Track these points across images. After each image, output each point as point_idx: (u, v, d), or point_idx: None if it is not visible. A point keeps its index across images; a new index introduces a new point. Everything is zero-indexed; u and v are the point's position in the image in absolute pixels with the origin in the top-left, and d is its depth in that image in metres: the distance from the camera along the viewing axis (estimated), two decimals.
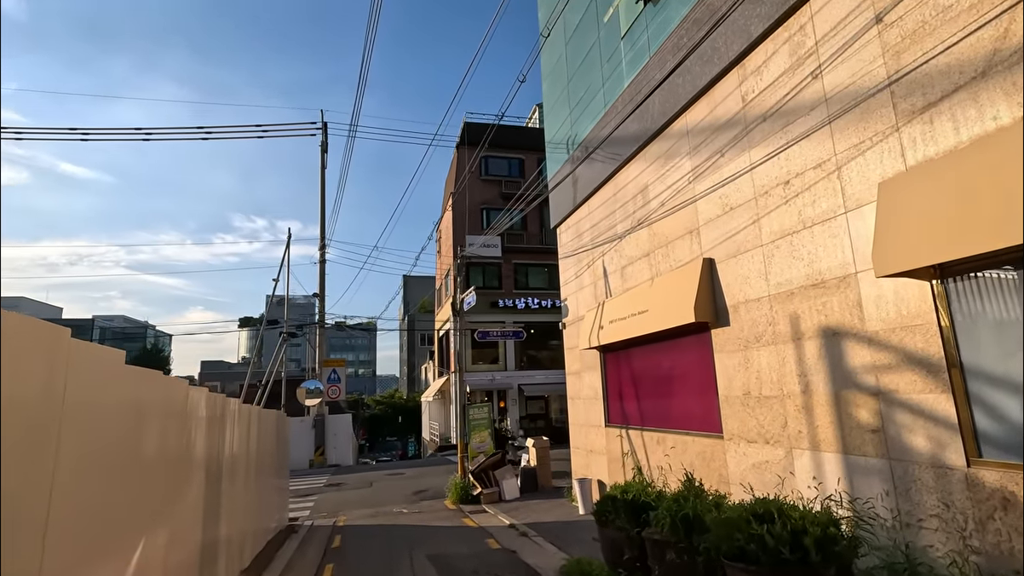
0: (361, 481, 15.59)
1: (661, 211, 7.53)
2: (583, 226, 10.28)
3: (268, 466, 8.34)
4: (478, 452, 12.50)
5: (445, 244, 29.06)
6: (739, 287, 5.97)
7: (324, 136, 22.56)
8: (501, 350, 25.76)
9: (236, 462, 6.09)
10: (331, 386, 21.82)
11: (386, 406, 47.52)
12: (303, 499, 13.09)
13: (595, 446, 9.63)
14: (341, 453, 21.21)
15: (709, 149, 6.51)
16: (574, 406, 10.72)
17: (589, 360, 9.90)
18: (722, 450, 6.18)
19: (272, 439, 8.66)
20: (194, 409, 4.62)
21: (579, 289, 10.46)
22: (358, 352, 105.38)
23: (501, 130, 28.03)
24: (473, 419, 12.68)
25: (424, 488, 13.79)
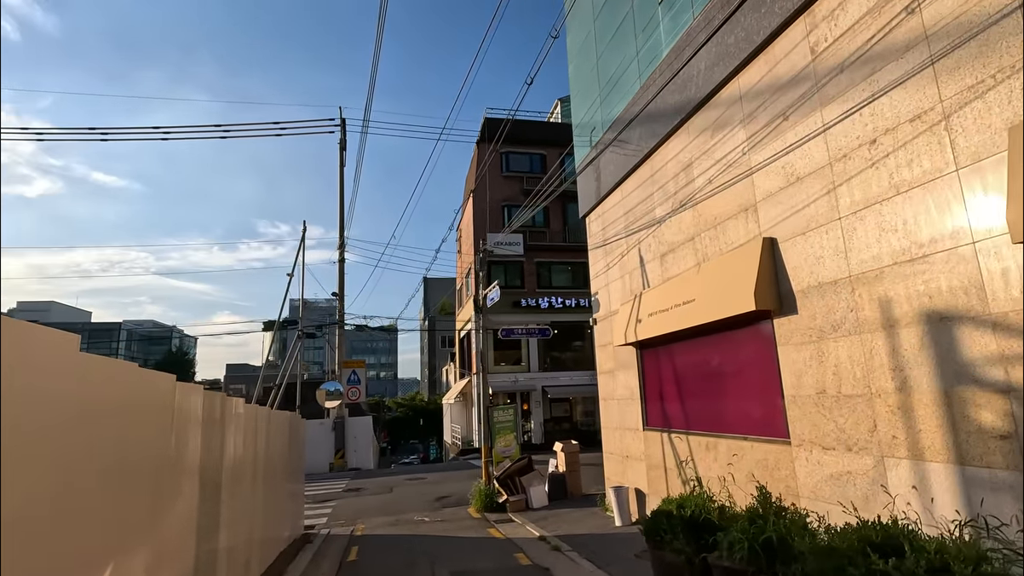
0: (381, 486, 15.01)
1: (708, 189, 6.73)
2: (615, 213, 9.51)
3: (280, 471, 7.76)
4: (503, 457, 11.79)
5: (465, 243, 28.48)
6: (809, 269, 5.15)
7: (343, 133, 22.18)
8: (524, 351, 25.02)
9: (241, 467, 5.48)
10: (351, 388, 21.35)
11: (407, 408, 47.14)
12: (321, 505, 12.53)
13: (631, 451, 8.83)
14: (361, 456, 20.71)
15: (768, 113, 5.70)
16: (607, 408, 9.94)
17: (624, 358, 9.12)
18: (789, 457, 5.35)
19: (284, 442, 8.08)
20: (186, 409, 4.01)
21: (611, 281, 9.69)
22: (380, 355, 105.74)
23: (522, 125, 27.41)
24: (497, 422, 11.97)
25: (446, 494, 13.13)
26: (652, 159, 8.23)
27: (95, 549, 2.52)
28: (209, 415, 4.54)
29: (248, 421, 5.84)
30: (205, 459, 4.42)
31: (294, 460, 9.17)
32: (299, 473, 9.90)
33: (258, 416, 6.33)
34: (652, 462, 8.13)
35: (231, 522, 5.19)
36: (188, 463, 4.03)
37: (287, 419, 8.39)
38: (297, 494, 9.61)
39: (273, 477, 7.21)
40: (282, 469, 7.89)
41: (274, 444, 7.36)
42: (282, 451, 7.91)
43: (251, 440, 5.95)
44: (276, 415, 7.69)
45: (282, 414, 8.23)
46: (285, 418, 8.26)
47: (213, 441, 4.67)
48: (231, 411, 5.22)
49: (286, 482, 8.27)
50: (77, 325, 52.17)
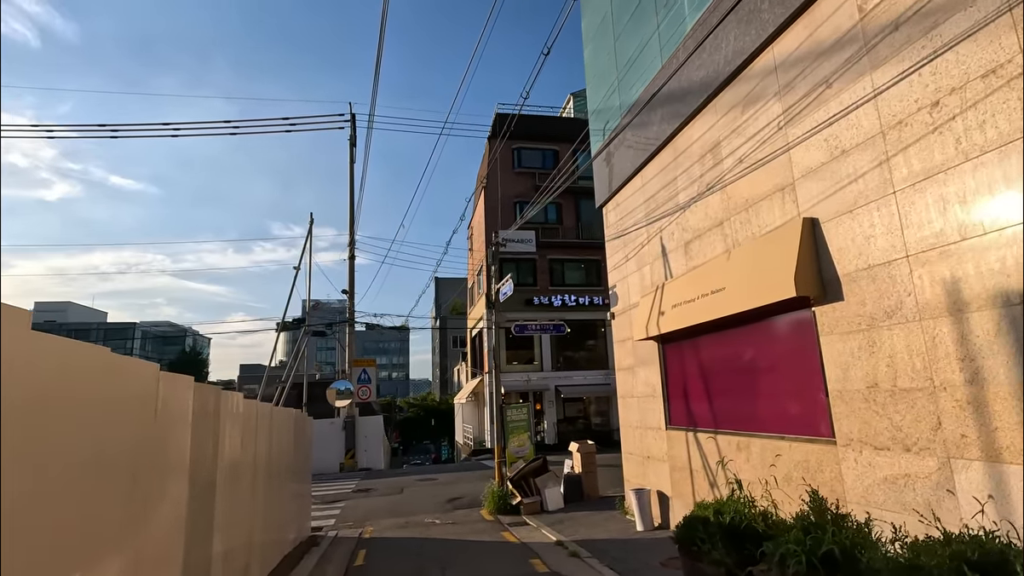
0: (391, 487, 14.66)
1: (738, 170, 6.26)
2: (634, 201, 9.04)
3: (284, 470, 7.40)
4: (517, 457, 11.36)
5: (477, 240, 28.11)
6: (857, 250, 4.66)
7: (352, 129, 21.92)
8: (537, 350, 24.58)
9: (239, 466, 5.12)
10: (361, 387, 21.05)
11: (419, 408, 46.89)
12: (329, 506, 12.20)
13: (653, 451, 8.36)
14: (372, 456, 20.39)
15: (808, 82, 5.22)
16: (626, 406, 9.47)
17: (644, 353, 8.65)
18: (834, 459, 4.86)
19: (289, 440, 7.73)
20: (173, 402, 3.65)
21: (630, 273, 9.22)
22: (391, 355, 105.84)
23: (534, 121, 26.97)
24: (511, 421, 11.55)
25: (458, 495, 12.73)
26: (675, 142, 7.76)
27: (56, 558, 2.15)
28: (201, 410, 4.18)
29: (248, 418, 5.48)
30: (197, 457, 4.06)
31: (300, 459, 8.82)
32: (305, 473, 9.56)
33: (259, 413, 5.97)
34: (676, 463, 7.66)
35: (228, 525, 4.83)
36: (175, 462, 3.66)
37: (292, 417, 8.04)
38: (303, 494, 9.27)
39: (276, 477, 6.85)
40: (286, 469, 7.54)
41: (278, 442, 7.01)
42: (287, 450, 7.56)
43: (251, 438, 5.59)
44: (280, 412, 7.34)
45: (286, 411, 7.87)
46: (290, 416, 7.91)
47: (206, 438, 4.31)
48: (228, 406, 4.86)
49: (291, 482, 7.92)
50: (93, 325, 52.77)
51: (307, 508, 9.75)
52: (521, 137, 26.03)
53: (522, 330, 12.04)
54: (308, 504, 9.94)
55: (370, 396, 21.13)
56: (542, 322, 12.66)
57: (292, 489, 7.98)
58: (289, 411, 7.97)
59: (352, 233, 21.00)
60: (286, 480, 7.52)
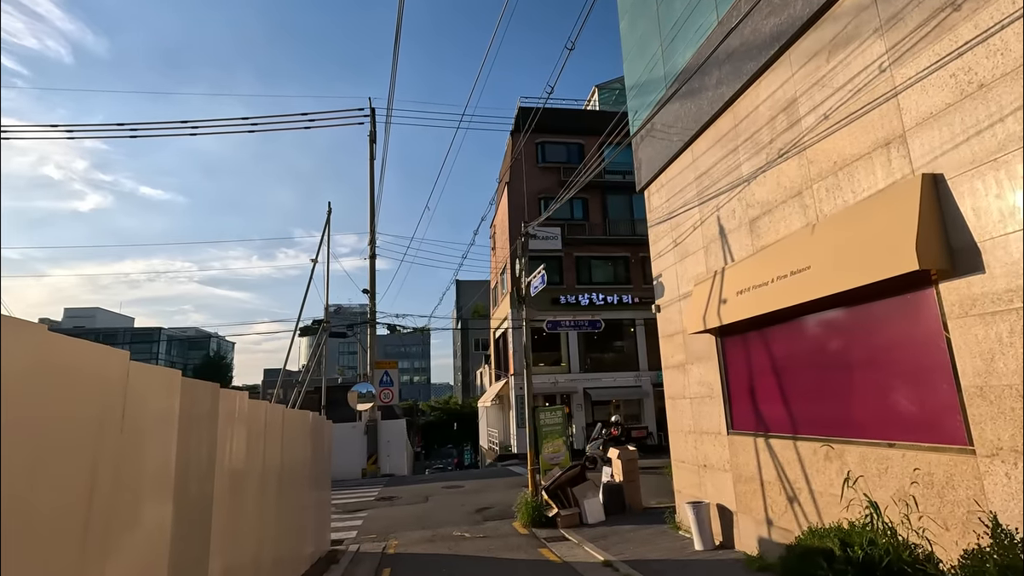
0: (416, 494, 13.87)
1: (822, 128, 5.30)
2: (684, 179, 8.11)
3: (300, 479, 6.66)
4: (551, 464, 10.46)
5: (500, 239, 27.33)
6: (1002, 209, 3.69)
7: (372, 125, 21.36)
8: (564, 351, 23.64)
9: (244, 476, 4.36)
10: (383, 389, 20.39)
11: (441, 412, 46.22)
12: (351, 516, 11.45)
13: (711, 459, 7.39)
14: (395, 462, 19.68)
15: (925, 8, 4.26)
16: (675, 408, 8.51)
17: (699, 348, 7.69)
18: (972, 472, 3.87)
19: (305, 445, 6.98)
20: (151, 404, 2.88)
21: (680, 260, 8.28)
22: (413, 359, 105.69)
23: (558, 114, 26.12)
24: (545, 424, 10.65)
25: (487, 505, 11.87)
26: (736, 107, 6.82)
27: None
28: (193, 412, 3.41)
29: (255, 421, 4.72)
30: (186, 469, 3.29)
31: (318, 466, 8.10)
32: (324, 480, 8.83)
33: (269, 415, 5.21)
34: (742, 474, 6.68)
35: (230, 543, 4.06)
36: (152, 473, 2.89)
37: (308, 420, 7.29)
38: (322, 504, 8.55)
39: (291, 486, 6.10)
40: (302, 476, 6.79)
41: (293, 448, 6.26)
42: (302, 455, 6.81)
43: (259, 443, 4.83)
44: (294, 415, 6.60)
45: (302, 414, 7.14)
46: (306, 418, 7.17)
47: (199, 445, 3.54)
48: (229, 408, 4.09)
49: (308, 491, 7.18)
50: (119, 330, 53.68)
51: (326, 519, 9.01)
52: (545, 131, 25.21)
53: (555, 326, 11.17)
54: (327, 514, 9.21)
55: (392, 399, 20.45)
56: (576, 318, 11.77)
57: (309, 499, 7.25)
58: (304, 413, 7.24)
59: (373, 231, 20.39)
60: (302, 489, 6.79)
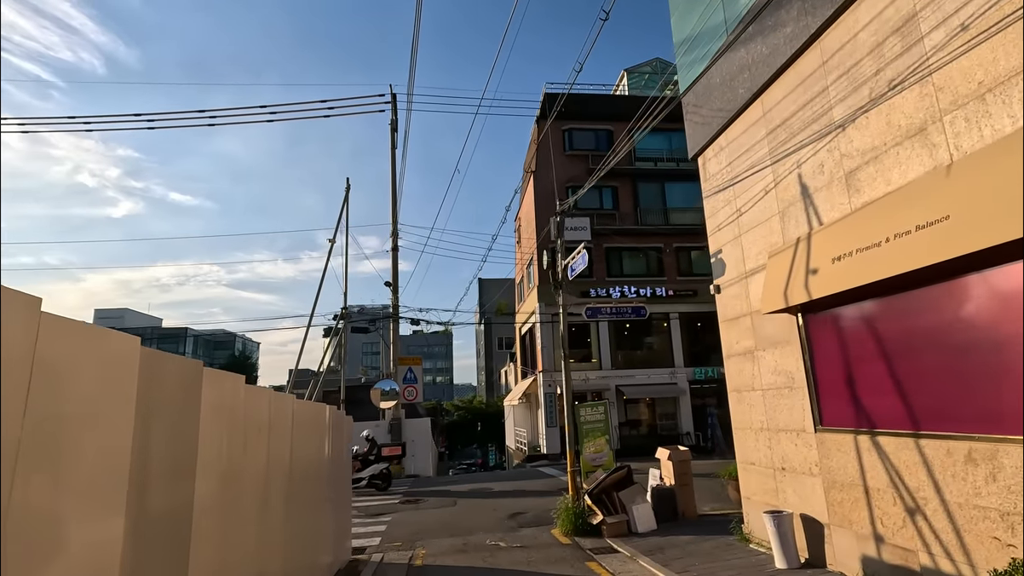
0: (443, 497, 12.97)
1: (959, 43, 4.18)
2: (750, 138, 7.01)
3: (313, 480, 5.78)
4: (594, 465, 9.43)
5: (526, 232, 26.35)
6: None
7: (394, 113, 20.60)
8: (595, 347, 22.54)
9: (239, 478, 3.45)
10: (407, 387, 19.59)
11: (465, 411, 45.42)
12: (374, 520, 10.59)
13: (792, 462, 6.27)
14: (420, 462, 18.86)
15: None
16: (741, 402, 7.40)
17: (774, 331, 6.58)
18: None
19: (320, 442, 6.10)
20: (87, 376, 1.95)
21: (745, 232, 7.18)
22: (435, 359, 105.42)
23: (586, 100, 25.06)
24: (585, 422, 9.63)
25: (521, 510, 10.89)
26: (824, 40, 5.71)
27: None
28: (158, 395, 2.49)
29: (254, 411, 3.81)
30: (144, 467, 2.37)
31: (336, 465, 7.24)
32: (343, 482, 7.96)
33: (274, 406, 4.30)
34: (836, 479, 5.56)
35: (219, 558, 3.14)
36: (87, 475, 1.96)
37: (324, 414, 6.41)
38: (341, 507, 7.69)
39: (303, 488, 5.20)
40: (318, 477, 5.91)
41: (306, 445, 5.37)
42: (317, 454, 5.93)
43: (261, 439, 3.93)
44: (308, 408, 5.71)
45: (317, 407, 6.27)
46: (321, 413, 6.29)
47: (172, 438, 2.63)
48: (217, 393, 3.16)
49: (325, 494, 6.31)
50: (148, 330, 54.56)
51: (346, 524, 8.14)
52: (572, 118, 24.17)
53: (594, 314, 10.14)
54: (348, 519, 8.34)
55: (416, 396, 19.64)
56: (618, 306, 10.64)
57: (325, 502, 6.37)
58: (320, 407, 6.36)
59: (395, 222, 19.62)
60: (317, 491, 5.91)
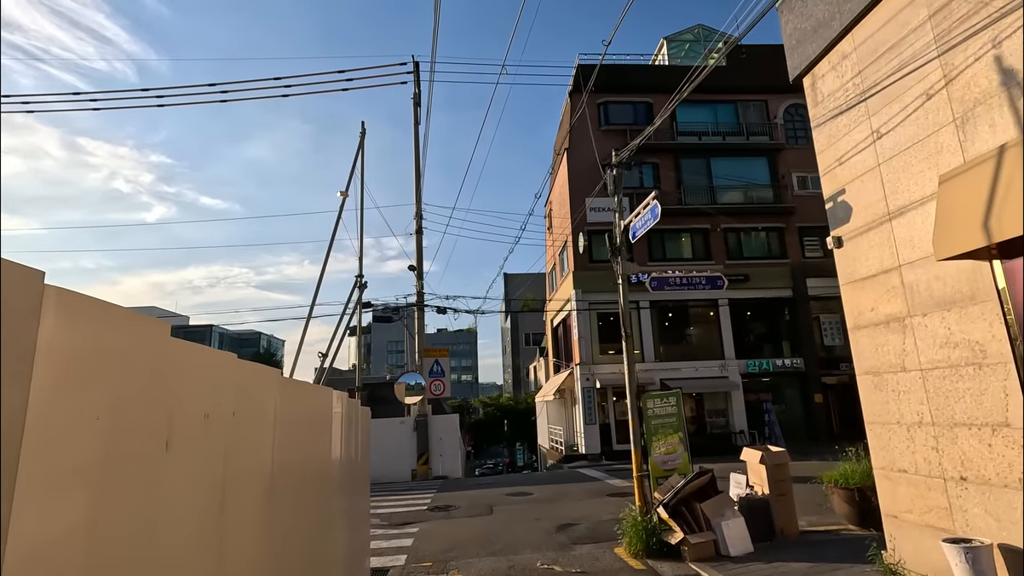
0: (476, 503, 11.36)
1: None
2: (897, 30, 5.17)
3: (316, 485, 4.20)
4: (665, 470, 7.68)
5: (558, 215, 24.59)
6: None
7: (416, 86, 19.09)
8: (636, 336, 20.65)
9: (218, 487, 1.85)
10: (433, 380, 18.07)
11: (494, 408, 43.84)
12: (398, 531, 9.03)
13: (981, 470, 4.43)
14: (448, 462, 17.31)
15: None
16: (881, 388, 5.55)
17: (949, 286, 4.74)
18: None
19: (326, 437, 4.51)
20: None
21: (889, 157, 5.33)
22: (459, 358, 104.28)
23: (622, 71, 23.19)
24: (654, 416, 7.87)
25: (570, 520, 9.20)
26: None
27: None
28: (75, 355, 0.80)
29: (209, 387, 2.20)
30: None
31: (350, 465, 5.66)
32: (359, 484, 6.35)
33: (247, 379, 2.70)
34: None
35: None
36: None
37: (330, 401, 4.81)
38: (358, 516, 6.11)
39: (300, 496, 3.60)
40: (323, 482, 4.34)
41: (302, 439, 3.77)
42: (321, 452, 4.36)
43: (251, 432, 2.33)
44: (307, 390, 4.14)
45: (322, 391, 4.69)
46: (327, 399, 4.70)
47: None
48: (120, 342, 1.51)
49: (334, 500, 4.74)
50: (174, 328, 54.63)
51: (364, 536, 6.55)
52: (608, 90, 22.33)
53: (660, 284, 8.40)
54: (366, 530, 6.76)
55: (444, 391, 18.11)
56: (690, 274, 8.76)
57: (335, 509, 4.81)
58: (325, 391, 4.79)
59: (419, 202, 18.12)
60: (322, 499, 4.34)
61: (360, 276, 6.12)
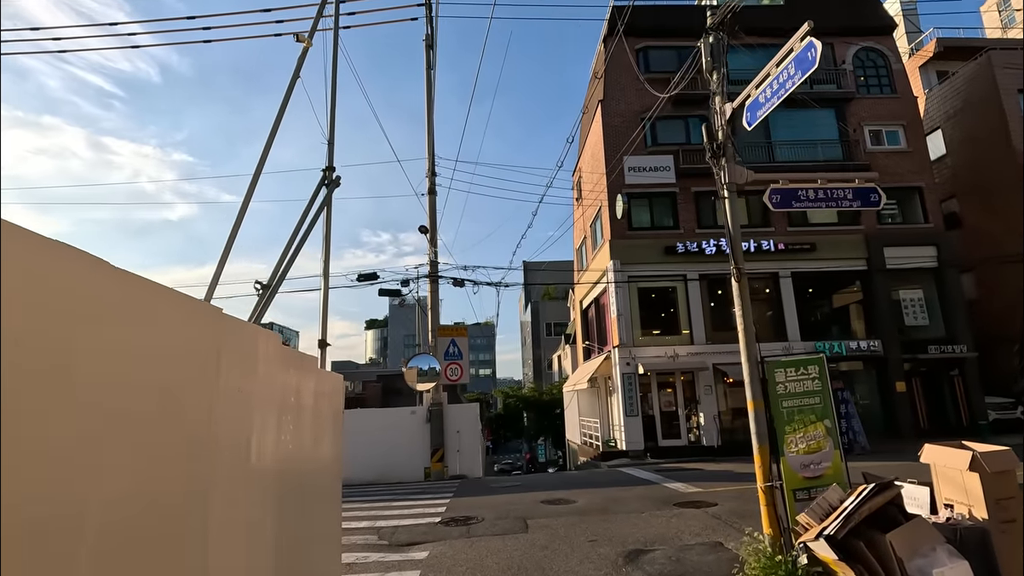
0: (504, 513, 8.74)
1: None
2: None
3: (238, 486, 1.65)
4: (806, 478, 4.95)
5: (588, 181, 21.81)
6: None
7: (428, 23, 16.46)
8: (683, 315, 17.83)
9: None
10: (450, 364, 15.53)
11: (516, 399, 41.24)
12: (401, 559, 6.43)
13: None
14: (467, 459, 14.75)
15: None
16: None
17: None
18: None
19: (259, 414, 1.95)
20: None
21: None
22: (477, 352, 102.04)
23: (664, 12, 20.28)
24: (786, 393, 5.13)
25: (640, 544, 6.51)
26: None
27: None
28: None
29: None
30: None
31: (315, 463, 3.16)
32: (325, 491, 3.75)
33: None
34: None
35: None
36: None
37: (258, 346, 2.26)
38: (316, 539, 3.58)
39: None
40: (248, 482, 1.80)
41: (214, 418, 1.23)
42: (242, 438, 1.82)
43: None
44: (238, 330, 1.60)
45: (248, 329, 2.16)
46: (267, 345, 2.17)
47: None
48: None
49: (263, 517, 2.21)
50: None
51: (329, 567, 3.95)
52: (648, 34, 19.47)
53: (785, 200, 5.63)
54: (337, 559, 4.15)
55: (461, 376, 15.55)
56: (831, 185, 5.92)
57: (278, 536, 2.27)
58: (268, 335, 2.26)
59: (432, 155, 15.54)
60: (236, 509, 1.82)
61: (330, 169, 4.02)
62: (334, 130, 4.54)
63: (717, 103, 5.85)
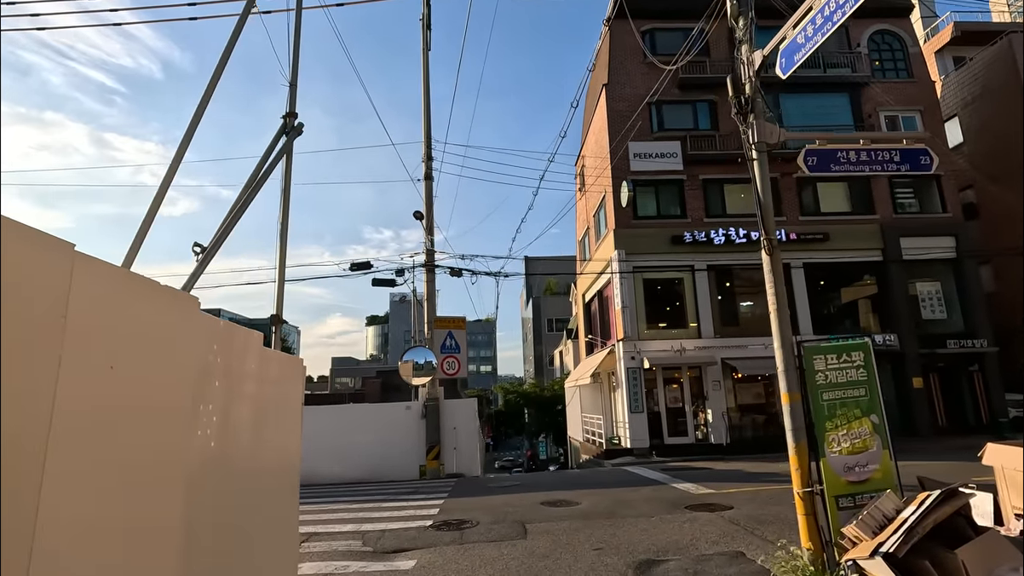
0: (501, 517, 8.06)
1: None
2: None
3: None
4: (851, 482, 4.24)
5: (592, 169, 21.06)
6: None
7: (425, 2, 15.74)
8: (691, 307, 17.11)
9: None
10: (446, 357, 14.84)
11: (516, 395, 40.55)
12: (385, 568, 5.75)
13: None
14: (464, 456, 14.08)
15: None
16: None
17: None
18: None
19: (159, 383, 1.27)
20: None
21: None
22: (477, 348, 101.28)
23: None
24: (828, 384, 4.43)
25: (652, 553, 5.82)
26: None
27: None
28: None
29: None
30: None
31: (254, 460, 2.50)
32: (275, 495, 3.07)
33: None
34: None
35: None
36: None
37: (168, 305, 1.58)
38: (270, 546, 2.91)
39: None
40: None
41: None
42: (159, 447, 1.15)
43: None
44: None
45: (141, 289, 1.49)
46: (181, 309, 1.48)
47: None
48: None
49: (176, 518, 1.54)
50: None
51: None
52: (654, 16, 18.69)
53: (822, 164, 4.92)
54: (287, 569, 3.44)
55: (459, 370, 14.86)
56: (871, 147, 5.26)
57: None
58: (177, 297, 1.60)
59: (428, 137, 14.83)
60: None
61: (292, 115, 3.46)
62: (296, 71, 3.83)
63: (744, 52, 5.11)
